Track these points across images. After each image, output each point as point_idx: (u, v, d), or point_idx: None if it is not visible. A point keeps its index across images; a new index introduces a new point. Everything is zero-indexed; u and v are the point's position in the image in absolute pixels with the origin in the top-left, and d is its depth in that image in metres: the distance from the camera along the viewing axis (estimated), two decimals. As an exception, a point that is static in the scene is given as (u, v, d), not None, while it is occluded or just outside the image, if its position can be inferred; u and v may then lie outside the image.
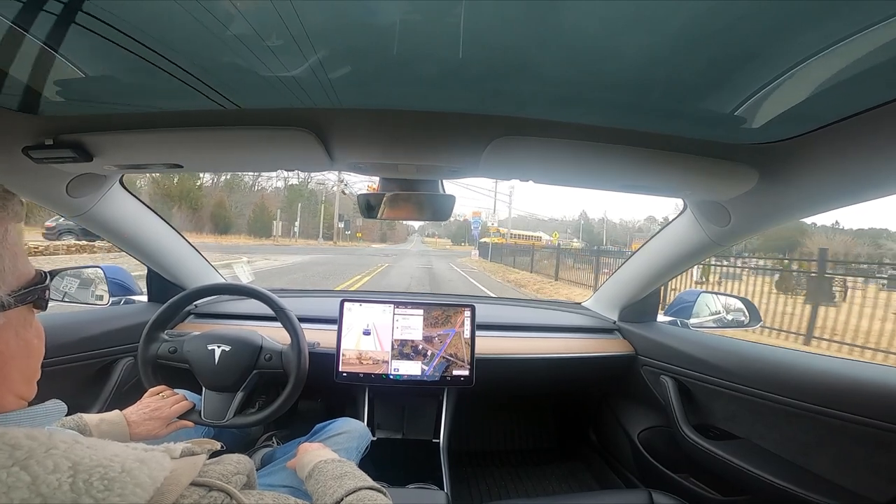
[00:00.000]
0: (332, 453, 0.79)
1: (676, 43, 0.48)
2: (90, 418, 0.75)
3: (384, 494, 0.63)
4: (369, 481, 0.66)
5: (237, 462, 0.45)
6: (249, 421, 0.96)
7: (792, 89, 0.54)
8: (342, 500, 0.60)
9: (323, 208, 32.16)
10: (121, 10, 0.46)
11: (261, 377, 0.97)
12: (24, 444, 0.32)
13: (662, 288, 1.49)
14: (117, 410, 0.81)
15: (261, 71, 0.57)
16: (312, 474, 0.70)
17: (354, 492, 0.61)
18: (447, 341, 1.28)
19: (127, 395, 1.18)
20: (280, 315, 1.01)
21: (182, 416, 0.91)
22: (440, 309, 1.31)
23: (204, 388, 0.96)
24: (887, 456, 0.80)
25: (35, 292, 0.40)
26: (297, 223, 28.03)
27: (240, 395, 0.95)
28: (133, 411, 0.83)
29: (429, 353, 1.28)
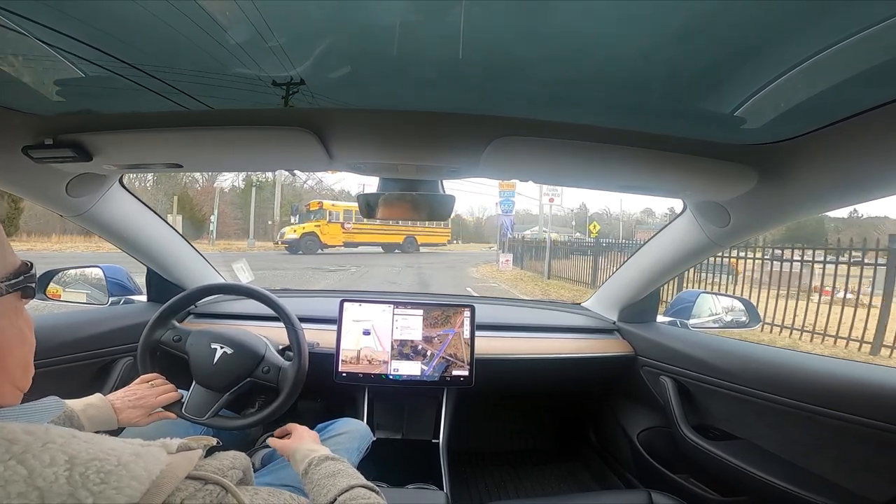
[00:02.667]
0: (323, 448, 0.79)
1: (676, 43, 0.48)
2: (74, 404, 0.75)
3: (377, 493, 0.64)
4: (362, 479, 0.66)
5: (233, 458, 0.46)
6: (228, 425, 0.96)
7: (792, 89, 0.54)
8: (335, 499, 0.61)
9: (254, 193, 23.23)
10: (118, 14, 0.46)
11: (253, 385, 0.98)
12: (21, 438, 0.32)
13: (665, 287, 1.49)
14: (99, 394, 0.81)
15: (261, 70, 0.57)
16: (308, 472, 0.71)
17: (348, 490, 0.62)
18: (447, 341, 1.28)
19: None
20: (286, 322, 1.00)
21: (166, 407, 0.92)
22: (440, 309, 1.31)
23: (194, 383, 0.96)
24: (887, 456, 0.80)
25: (25, 280, 0.42)
26: (213, 217, 19.38)
27: (226, 397, 0.95)
28: (118, 397, 0.83)
29: (428, 353, 1.28)
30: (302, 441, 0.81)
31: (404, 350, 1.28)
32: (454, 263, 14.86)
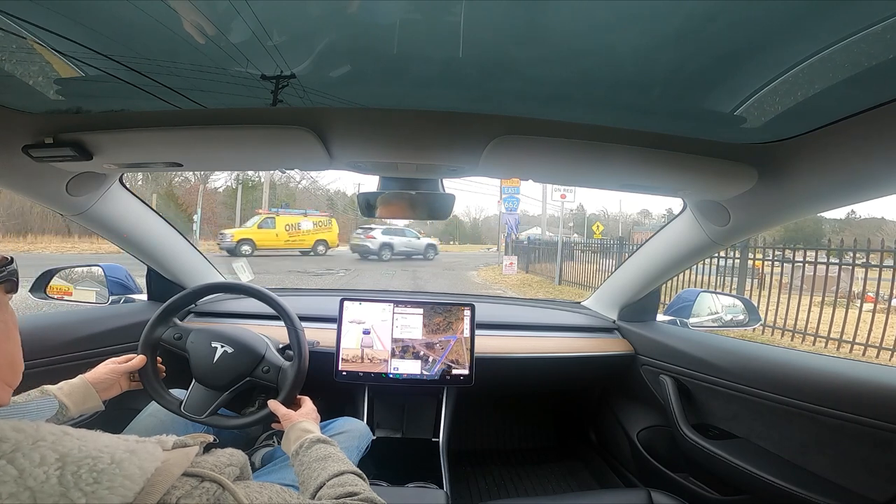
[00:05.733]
0: (315, 427, 0.80)
1: (676, 43, 0.48)
2: (50, 387, 0.75)
3: (365, 480, 0.64)
4: (351, 465, 0.67)
5: (230, 455, 0.46)
6: (227, 424, 0.96)
7: (792, 89, 0.54)
8: (324, 484, 0.61)
9: (240, 193, 22.51)
10: (118, 15, 0.46)
11: (253, 385, 0.98)
12: (11, 436, 0.32)
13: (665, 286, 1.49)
14: (80, 376, 0.81)
15: (260, 70, 0.57)
16: (298, 453, 0.71)
17: (337, 476, 0.62)
18: (448, 347, 1.28)
19: (127, 393, 1.19)
20: (286, 321, 1.00)
21: (162, 405, 0.94)
22: (441, 315, 1.30)
23: (194, 381, 0.97)
24: (886, 455, 0.81)
25: (8, 273, 0.41)
26: (196, 217, 18.17)
27: (225, 395, 0.96)
28: (90, 372, 0.84)
29: (430, 358, 1.27)
30: (302, 419, 0.82)
31: (405, 349, 1.28)
32: (452, 265, 14.34)
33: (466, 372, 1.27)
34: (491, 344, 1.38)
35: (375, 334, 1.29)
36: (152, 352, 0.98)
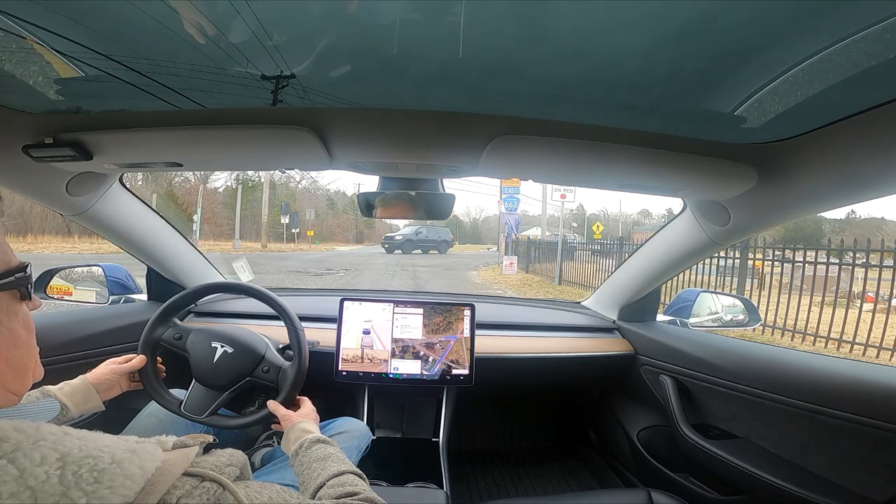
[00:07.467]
0: (314, 428, 0.80)
1: (676, 43, 0.48)
2: (51, 388, 0.75)
3: (365, 480, 0.64)
4: (351, 465, 0.67)
5: (230, 455, 0.45)
6: (227, 424, 0.96)
7: (792, 89, 0.54)
8: (324, 484, 0.61)
9: (240, 193, 22.33)
10: (118, 15, 0.46)
11: (253, 385, 0.98)
12: (11, 436, 0.32)
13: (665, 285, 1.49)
14: (80, 376, 0.82)
15: (260, 70, 0.57)
16: (298, 453, 0.71)
17: (337, 476, 0.63)
18: (448, 347, 1.28)
19: (127, 393, 1.19)
20: (286, 321, 1.00)
21: (162, 405, 0.94)
22: (441, 315, 1.30)
23: (194, 381, 0.97)
24: (886, 455, 0.81)
25: (18, 280, 0.40)
26: (196, 217, 18.59)
27: (225, 395, 0.96)
28: (90, 373, 0.85)
29: (430, 358, 1.28)
30: (301, 420, 0.82)
31: (405, 349, 1.28)
32: (452, 265, 14.33)
33: (466, 372, 1.27)
34: (491, 344, 1.38)
35: (375, 334, 1.29)
36: (152, 352, 0.98)
